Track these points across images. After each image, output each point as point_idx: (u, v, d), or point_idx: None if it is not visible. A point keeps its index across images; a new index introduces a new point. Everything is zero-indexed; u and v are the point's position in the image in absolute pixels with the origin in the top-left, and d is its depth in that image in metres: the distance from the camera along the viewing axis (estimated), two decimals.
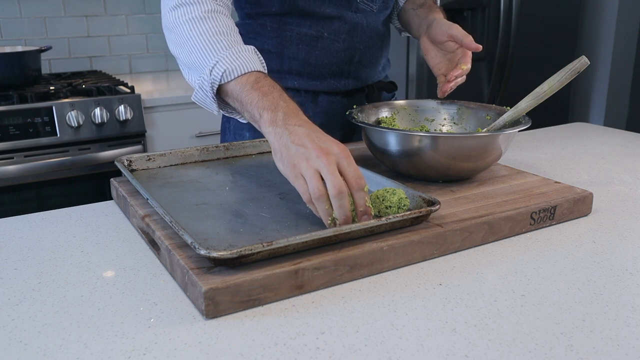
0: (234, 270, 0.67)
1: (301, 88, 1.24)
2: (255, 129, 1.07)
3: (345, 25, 1.20)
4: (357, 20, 1.21)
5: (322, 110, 1.26)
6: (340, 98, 1.27)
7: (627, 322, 0.64)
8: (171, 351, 0.59)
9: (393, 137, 0.97)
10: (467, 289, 0.71)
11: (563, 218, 0.92)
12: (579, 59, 0.96)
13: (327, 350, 0.59)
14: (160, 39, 2.73)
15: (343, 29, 1.20)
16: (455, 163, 0.95)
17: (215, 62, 0.90)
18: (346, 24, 1.20)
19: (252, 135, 1.26)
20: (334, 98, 1.27)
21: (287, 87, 1.23)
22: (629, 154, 1.32)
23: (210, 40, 0.93)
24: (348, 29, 1.20)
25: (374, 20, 1.25)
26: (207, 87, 0.91)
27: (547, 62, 2.84)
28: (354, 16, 1.21)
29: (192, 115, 2.21)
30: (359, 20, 1.22)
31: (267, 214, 0.84)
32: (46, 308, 0.67)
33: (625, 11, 2.96)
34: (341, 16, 1.19)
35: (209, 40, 0.93)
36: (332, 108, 1.26)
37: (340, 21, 1.19)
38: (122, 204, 0.95)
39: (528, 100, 1.01)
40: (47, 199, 2.00)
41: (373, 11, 1.24)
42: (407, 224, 0.79)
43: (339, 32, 1.20)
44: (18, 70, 2.05)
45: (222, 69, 0.89)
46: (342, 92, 1.27)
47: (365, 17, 1.23)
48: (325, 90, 1.25)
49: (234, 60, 0.89)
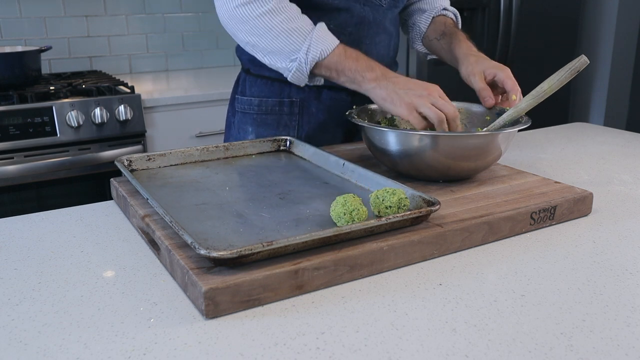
0: (234, 270, 0.67)
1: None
2: (258, 123, 1.24)
3: (352, 19, 1.20)
4: (364, 14, 1.22)
5: (325, 107, 1.26)
6: (344, 95, 1.27)
7: (627, 322, 0.64)
8: (171, 351, 0.59)
9: (392, 137, 0.97)
10: (467, 289, 0.71)
11: (563, 218, 0.92)
12: (579, 58, 0.96)
13: (327, 350, 0.59)
14: (160, 39, 2.73)
15: (350, 22, 1.20)
16: (455, 163, 0.95)
17: (308, 45, 1.05)
18: (353, 17, 1.20)
19: (255, 129, 1.27)
20: (337, 95, 1.27)
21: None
22: (629, 154, 1.32)
23: (291, 27, 1.06)
24: (355, 22, 1.20)
25: (382, 17, 1.25)
26: (304, 67, 1.06)
27: (547, 62, 2.84)
28: (361, 9, 1.21)
29: (192, 115, 2.21)
30: (366, 15, 1.22)
31: (267, 214, 0.84)
32: (46, 308, 0.67)
33: (625, 11, 2.96)
34: (349, 8, 1.19)
35: (290, 27, 1.06)
36: (335, 105, 1.27)
37: (347, 13, 1.19)
38: (122, 204, 0.95)
39: (528, 100, 1.01)
40: (47, 199, 2.00)
41: (382, 6, 1.24)
42: (407, 224, 0.79)
43: (346, 24, 1.20)
44: (18, 70, 2.05)
45: (317, 49, 1.05)
46: (346, 88, 1.27)
47: (372, 11, 1.23)
48: (329, 85, 1.25)
49: (321, 41, 1.05)
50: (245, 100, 1.29)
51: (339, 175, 1.00)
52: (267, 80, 1.26)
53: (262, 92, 1.27)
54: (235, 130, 1.32)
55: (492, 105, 1.12)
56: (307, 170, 1.04)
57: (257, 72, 1.27)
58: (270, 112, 1.26)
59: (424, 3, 1.36)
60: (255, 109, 1.27)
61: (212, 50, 2.87)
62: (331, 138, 1.29)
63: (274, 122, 1.27)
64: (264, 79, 1.27)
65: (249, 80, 1.29)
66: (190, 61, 2.83)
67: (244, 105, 1.29)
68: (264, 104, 1.26)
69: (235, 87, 1.35)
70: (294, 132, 1.26)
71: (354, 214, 0.76)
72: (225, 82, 2.46)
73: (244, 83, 1.31)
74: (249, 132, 1.28)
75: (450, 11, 1.36)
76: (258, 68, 1.26)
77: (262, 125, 1.27)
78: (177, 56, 2.79)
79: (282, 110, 1.26)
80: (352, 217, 0.76)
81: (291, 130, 1.26)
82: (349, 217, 0.77)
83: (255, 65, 1.27)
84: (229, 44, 2.90)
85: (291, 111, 1.26)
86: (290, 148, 1.15)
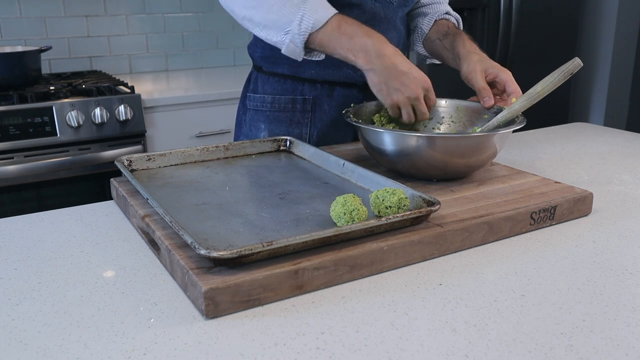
0: (234, 270, 0.67)
1: (318, 79, 1.25)
2: (270, 120, 1.26)
3: (363, 15, 1.20)
4: (376, 10, 1.22)
5: (337, 104, 1.27)
6: (356, 92, 1.28)
7: (627, 322, 0.64)
8: (171, 351, 0.59)
9: (388, 137, 0.97)
10: (467, 289, 0.71)
11: (563, 218, 0.92)
12: (572, 60, 0.96)
13: (327, 350, 0.59)
14: (161, 39, 2.73)
15: (361, 18, 1.20)
16: (452, 160, 0.96)
17: (301, 15, 1.01)
18: (364, 13, 1.21)
19: (267, 126, 1.28)
20: (349, 92, 1.27)
21: (304, 77, 1.25)
22: (629, 154, 1.32)
23: None
24: (366, 19, 1.21)
25: (392, 14, 1.26)
26: (297, 39, 1.03)
27: (547, 62, 2.83)
28: (373, 5, 1.21)
29: (192, 115, 2.21)
30: (377, 11, 1.23)
31: (267, 214, 0.84)
32: (46, 308, 0.67)
33: (625, 11, 2.96)
34: (360, 4, 1.20)
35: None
36: (348, 102, 1.27)
37: (359, 9, 1.20)
38: (122, 204, 0.95)
39: (522, 101, 1.01)
40: (47, 199, 2.00)
41: (392, 3, 1.24)
42: (407, 224, 0.79)
43: (357, 20, 1.20)
44: (18, 70, 2.05)
45: (310, 20, 1.01)
46: (358, 85, 1.27)
47: (383, 8, 1.23)
48: (341, 81, 1.26)
49: (315, 11, 1.01)
50: (258, 97, 1.30)
51: (339, 175, 1.00)
52: (280, 77, 1.27)
53: (275, 89, 1.28)
54: (247, 128, 1.32)
55: (491, 106, 1.12)
56: (307, 170, 1.04)
57: (269, 70, 1.28)
58: (283, 109, 1.27)
59: (427, 8, 1.37)
60: (268, 106, 1.28)
61: (212, 50, 2.87)
62: (343, 136, 1.30)
63: (286, 120, 1.27)
64: (276, 76, 1.27)
65: (261, 78, 1.30)
66: (190, 61, 2.83)
67: (257, 103, 1.30)
68: (276, 102, 1.27)
69: (246, 85, 1.36)
70: (307, 129, 1.27)
71: (354, 214, 0.76)
72: (225, 82, 2.46)
73: (255, 81, 1.32)
74: (261, 130, 1.29)
75: (453, 16, 1.37)
76: (270, 65, 1.27)
77: (274, 122, 1.28)
78: (177, 56, 2.79)
79: (295, 107, 1.27)
80: (352, 217, 0.76)
81: (304, 127, 1.27)
82: (349, 217, 0.77)
83: (267, 63, 1.28)
84: (229, 44, 2.90)
85: (304, 108, 1.27)
86: (290, 148, 1.15)
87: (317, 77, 1.25)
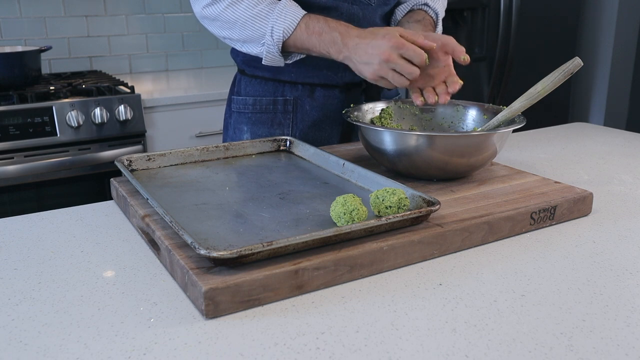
0: (234, 270, 0.67)
1: (298, 81, 1.25)
2: (252, 122, 1.28)
3: (340, 17, 1.19)
4: (353, 11, 1.21)
5: (319, 105, 1.27)
6: (337, 93, 1.27)
7: (627, 322, 0.64)
8: (171, 351, 0.59)
9: (388, 137, 0.97)
10: (467, 289, 0.71)
11: (563, 218, 0.92)
12: (572, 60, 0.96)
13: (327, 350, 0.59)
14: (161, 39, 2.73)
15: (339, 20, 1.20)
16: (452, 159, 0.96)
17: (271, 26, 1.07)
18: (342, 15, 1.20)
19: (250, 128, 1.28)
20: (330, 92, 1.27)
21: (284, 80, 1.25)
22: (629, 154, 1.32)
23: (254, 13, 1.08)
24: (344, 20, 1.20)
25: (372, 14, 1.25)
26: (274, 50, 1.09)
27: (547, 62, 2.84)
28: (350, 7, 1.21)
29: (192, 115, 2.21)
30: (355, 12, 1.22)
31: (267, 214, 0.84)
32: (46, 308, 0.67)
33: (625, 11, 2.96)
34: (337, 7, 1.19)
35: (253, 13, 1.08)
36: (329, 103, 1.27)
37: (336, 12, 1.19)
38: (122, 204, 0.95)
39: (522, 101, 1.01)
40: (47, 199, 2.00)
41: (371, 4, 1.23)
42: (407, 224, 0.79)
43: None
44: (18, 70, 2.05)
45: (280, 29, 1.06)
46: (339, 85, 1.27)
47: (362, 9, 1.22)
48: (321, 82, 1.25)
49: (282, 19, 1.06)
50: (241, 100, 1.30)
51: (339, 175, 1.00)
52: (262, 80, 1.27)
53: (257, 91, 1.28)
54: (232, 131, 1.33)
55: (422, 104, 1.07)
56: (307, 170, 1.04)
57: (251, 73, 1.29)
58: (264, 110, 1.28)
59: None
60: (250, 108, 1.28)
61: (212, 50, 2.87)
62: (328, 136, 1.30)
63: (268, 121, 1.27)
64: (258, 78, 1.28)
65: (244, 80, 1.30)
66: (190, 61, 2.83)
67: (239, 105, 1.30)
68: (258, 103, 1.28)
69: (231, 88, 1.36)
70: (289, 130, 1.27)
71: (354, 214, 0.76)
72: (225, 82, 2.46)
73: (239, 84, 1.32)
74: (244, 132, 1.29)
75: (432, 9, 1.30)
76: (252, 69, 1.28)
77: (256, 124, 1.28)
78: (177, 56, 2.79)
79: (277, 108, 1.27)
80: (352, 217, 0.76)
81: (285, 128, 1.27)
82: (349, 217, 0.77)
83: (249, 66, 1.28)
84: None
85: (285, 109, 1.27)
86: (290, 148, 1.15)
87: (297, 80, 1.25)
